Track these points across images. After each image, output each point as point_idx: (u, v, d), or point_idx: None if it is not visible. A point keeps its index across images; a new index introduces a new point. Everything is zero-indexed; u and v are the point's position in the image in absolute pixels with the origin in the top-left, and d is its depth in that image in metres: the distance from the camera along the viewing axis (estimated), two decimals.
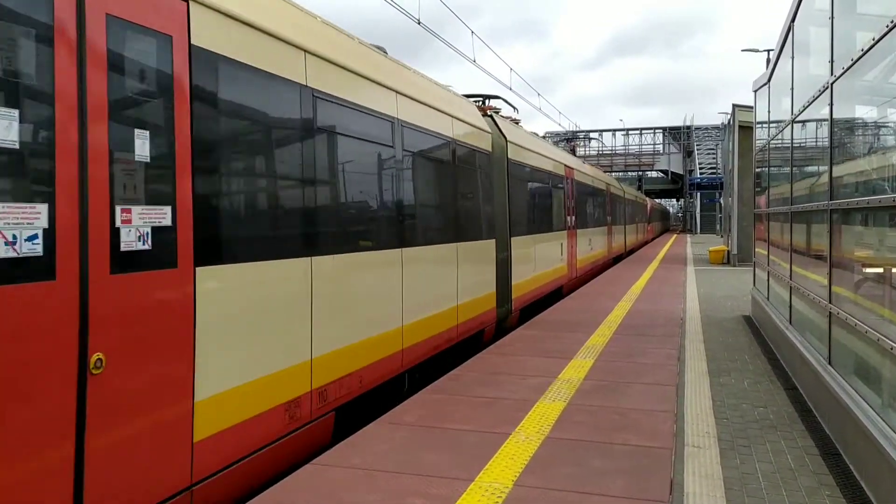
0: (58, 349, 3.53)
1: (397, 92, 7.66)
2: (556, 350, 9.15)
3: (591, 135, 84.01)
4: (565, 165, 18.04)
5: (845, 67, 5.81)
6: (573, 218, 18.59)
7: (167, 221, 4.21)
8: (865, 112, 6.31)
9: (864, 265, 5.88)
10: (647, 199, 61.14)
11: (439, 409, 6.40)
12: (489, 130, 11.35)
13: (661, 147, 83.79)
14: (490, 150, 11.21)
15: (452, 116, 9.51)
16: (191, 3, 4.46)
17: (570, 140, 75.78)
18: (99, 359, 3.73)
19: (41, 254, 3.43)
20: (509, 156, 12.12)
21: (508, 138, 12.20)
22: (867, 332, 5.15)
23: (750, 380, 8.10)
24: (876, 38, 4.92)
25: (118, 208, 3.87)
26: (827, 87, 6.49)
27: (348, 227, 6.50)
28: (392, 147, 7.47)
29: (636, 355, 8.84)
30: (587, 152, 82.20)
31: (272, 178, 5.43)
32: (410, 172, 7.98)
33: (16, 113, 3.31)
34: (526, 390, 7.08)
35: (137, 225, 4.00)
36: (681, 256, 31.45)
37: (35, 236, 3.41)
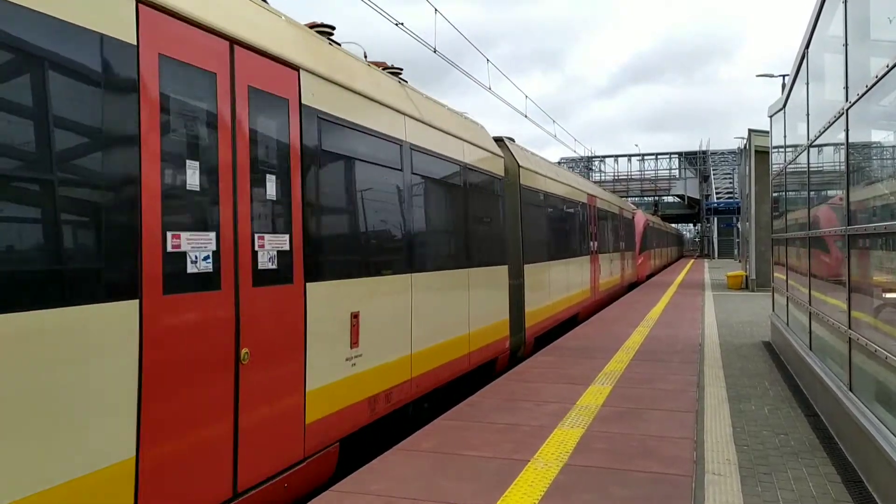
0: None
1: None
2: (573, 376, 9.12)
3: (607, 160, 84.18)
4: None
5: (860, 93, 5.84)
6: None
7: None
8: (882, 137, 6.32)
9: (884, 290, 5.85)
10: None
11: (457, 435, 6.40)
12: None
13: (676, 172, 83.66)
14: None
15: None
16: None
17: (586, 165, 75.83)
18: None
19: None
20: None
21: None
22: (887, 358, 5.11)
23: (770, 406, 8.02)
24: (890, 65, 4.95)
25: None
26: (842, 113, 6.51)
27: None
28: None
29: (655, 381, 8.79)
30: (603, 177, 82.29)
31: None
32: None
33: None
34: (544, 417, 7.06)
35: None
36: (698, 282, 31.25)
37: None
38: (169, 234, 4.21)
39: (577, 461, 5.64)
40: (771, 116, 13.01)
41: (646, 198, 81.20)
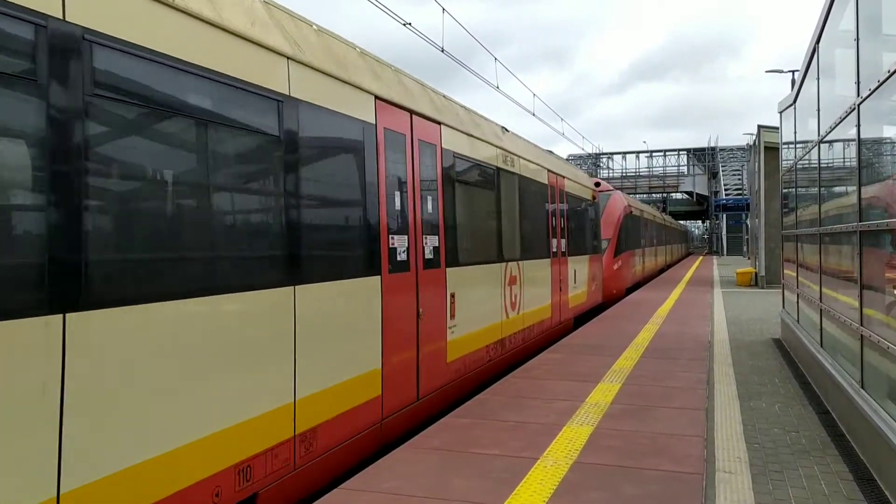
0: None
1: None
2: (582, 373, 9.10)
3: (615, 157, 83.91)
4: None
5: (872, 88, 5.79)
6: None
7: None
8: (894, 132, 6.27)
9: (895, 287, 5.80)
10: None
11: (465, 433, 6.39)
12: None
13: (685, 168, 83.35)
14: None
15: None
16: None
17: (594, 162, 75.59)
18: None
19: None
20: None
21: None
22: None
23: (781, 404, 7.98)
24: None
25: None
26: (854, 108, 6.46)
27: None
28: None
29: (664, 379, 8.76)
30: (610, 174, 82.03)
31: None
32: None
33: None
34: (553, 414, 7.04)
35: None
36: (707, 279, 31.13)
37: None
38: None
39: (586, 459, 5.63)
40: (781, 112, 12.93)
41: (654, 195, 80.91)
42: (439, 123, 8.06)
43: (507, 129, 11.50)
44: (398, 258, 6.81)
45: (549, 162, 13.70)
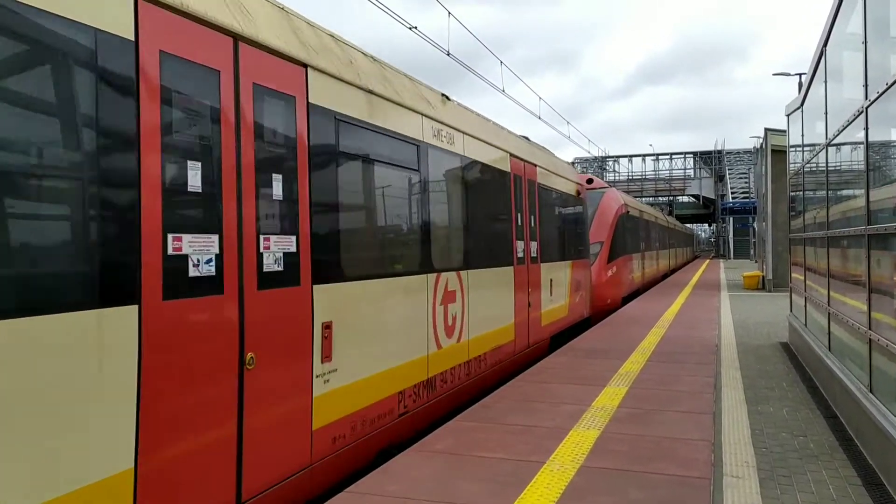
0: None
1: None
2: (589, 377, 9.07)
3: (621, 160, 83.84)
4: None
5: (880, 91, 5.77)
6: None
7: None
8: None
9: None
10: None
11: (472, 436, 6.38)
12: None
13: (691, 171, 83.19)
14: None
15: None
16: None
17: (599, 165, 75.50)
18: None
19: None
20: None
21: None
22: None
23: (789, 408, 7.95)
24: None
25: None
26: (862, 111, 6.44)
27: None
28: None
29: (671, 383, 8.73)
30: (616, 177, 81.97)
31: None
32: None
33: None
34: (559, 418, 7.03)
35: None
36: (714, 282, 31.05)
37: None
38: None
39: (593, 463, 5.61)
40: (788, 115, 12.90)
41: (660, 198, 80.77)
42: (304, 66, 5.40)
43: (449, 98, 8.83)
44: (189, 273, 4.14)
45: (513, 145, 10.87)
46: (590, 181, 19.52)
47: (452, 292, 8.13)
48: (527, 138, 12.66)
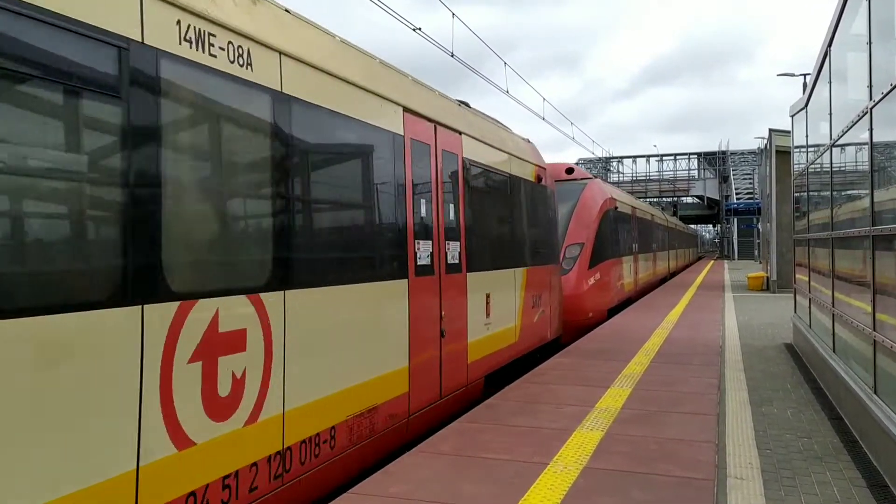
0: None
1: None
2: (592, 378, 9.07)
3: (625, 160, 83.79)
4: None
5: (885, 92, 5.75)
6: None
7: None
8: None
9: None
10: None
11: (475, 438, 6.38)
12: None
13: (696, 172, 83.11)
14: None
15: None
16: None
17: (604, 166, 75.33)
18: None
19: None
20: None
21: None
22: None
23: (793, 409, 7.93)
24: None
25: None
26: (866, 112, 6.42)
27: None
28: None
29: (675, 384, 8.72)
30: (621, 178, 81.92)
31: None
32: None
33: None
34: (563, 419, 7.02)
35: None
36: (718, 283, 30.99)
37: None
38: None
39: (596, 464, 5.61)
40: (793, 116, 12.87)
41: (664, 199, 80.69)
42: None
43: None
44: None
45: (417, 98, 7.49)
46: (570, 170, 17.66)
47: (230, 338, 4.52)
48: (466, 104, 9.62)
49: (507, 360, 9.96)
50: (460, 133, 8.48)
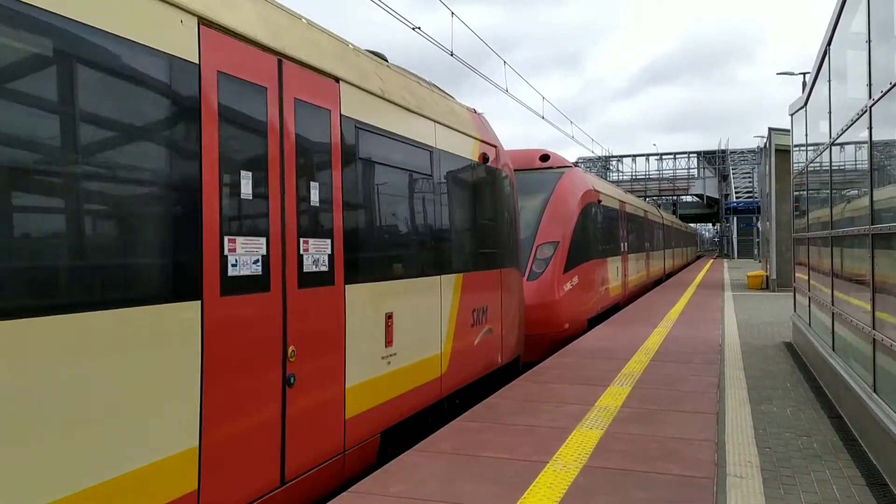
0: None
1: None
2: (592, 377, 9.07)
3: (625, 159, 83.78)
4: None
5: (884, 91, 5.76)
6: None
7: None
8: None
9: None
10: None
11: (475, 437, 6.38)
12: None
13: (695, 171, 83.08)
14: None
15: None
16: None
17: (603, 165, 75.29)
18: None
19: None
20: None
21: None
22: None
23: (792, 408, 7.93)
24: None
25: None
26: (865, 111, 6.42)
27: None
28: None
29: (674, 383, 8.72)
30: (620, 177, 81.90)
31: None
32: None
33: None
34: (563, 418, 7.03)
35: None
36: (718, 282, 30.99)
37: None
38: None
39: (596, 463, 5.61)
40: (792, 115, 12.88)
41: (664, 197, 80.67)
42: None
43: None
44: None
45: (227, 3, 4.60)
46: (545, 157, 15.37)
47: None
48: (383, 57, 7.51)
49: (427, 403, 7.29)
50: (337, 80, 5.78)
